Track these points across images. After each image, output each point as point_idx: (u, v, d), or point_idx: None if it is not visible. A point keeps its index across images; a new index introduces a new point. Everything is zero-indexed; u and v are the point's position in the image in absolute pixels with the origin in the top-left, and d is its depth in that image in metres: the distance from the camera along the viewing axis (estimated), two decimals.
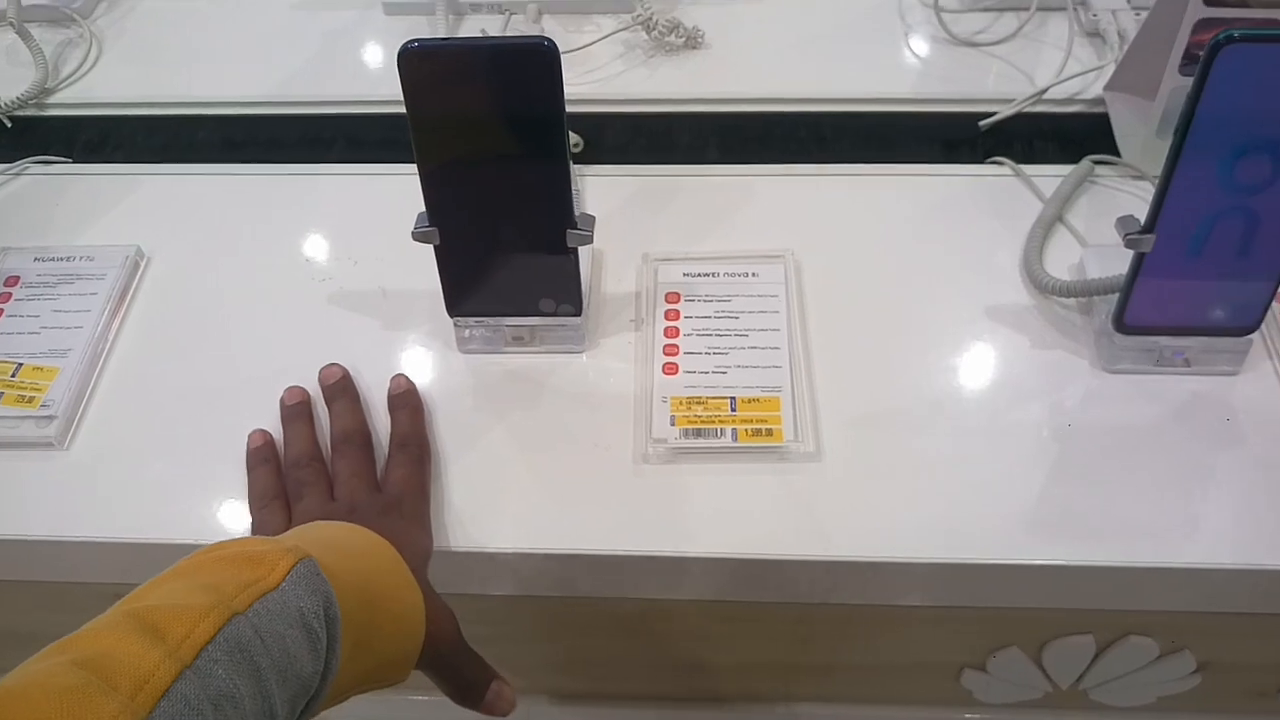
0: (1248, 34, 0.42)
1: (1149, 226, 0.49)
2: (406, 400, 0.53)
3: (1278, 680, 0.58)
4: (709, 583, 0.50)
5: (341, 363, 0.55)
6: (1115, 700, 0.61)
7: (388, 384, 0.54)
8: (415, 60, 0.46)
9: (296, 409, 0.53)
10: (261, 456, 0.52)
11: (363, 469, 0.51)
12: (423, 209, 0.51)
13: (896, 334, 0.56)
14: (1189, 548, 0.48)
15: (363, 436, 0.52)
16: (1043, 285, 0.57)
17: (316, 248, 0.62)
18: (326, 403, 0.54)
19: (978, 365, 0.55)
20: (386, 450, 0.52)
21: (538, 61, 0.46)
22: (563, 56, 0.46)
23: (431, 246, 0.52)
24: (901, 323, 0.57)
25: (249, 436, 0.53)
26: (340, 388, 0.54)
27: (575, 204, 0.51)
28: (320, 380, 0.55)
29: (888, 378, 0.54)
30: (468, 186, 0.50)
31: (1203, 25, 0.56)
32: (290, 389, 0.54)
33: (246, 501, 0.51)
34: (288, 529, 0.46)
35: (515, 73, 0.47)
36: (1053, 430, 0.52)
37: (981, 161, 0.64)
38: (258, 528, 0.49)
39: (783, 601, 0.51)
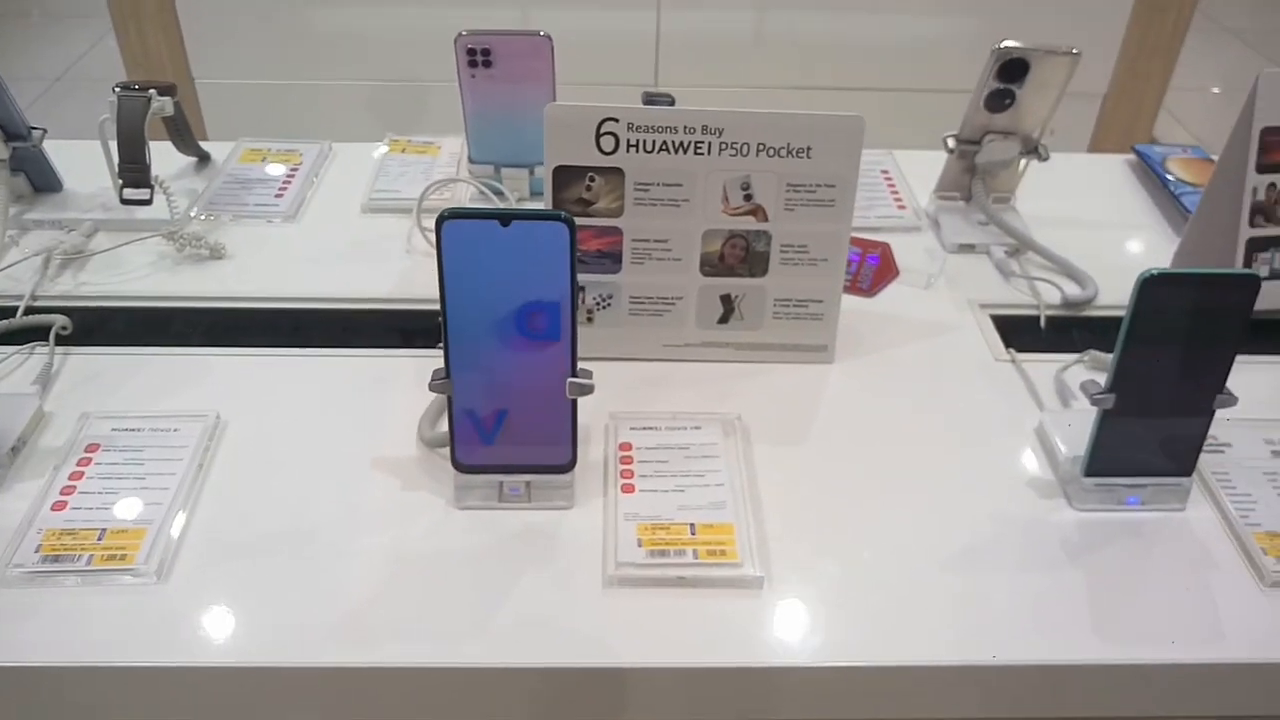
0: (458, 211, 0.55)
1: (445, 374, 0.59)
2: None
3: None
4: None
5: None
6: None
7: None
8: None
9: None
10: None
11: None
12: None
13: (294, 476, 0.64)
14: (480, 650, 0.55)
15: None
16: (423, 438, 0.66)
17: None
18: None
19: (352, 500, 0.63)
20: None
21: None
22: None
23: None
24: (299, 469, 0.65)
25: None
26: None
27: None
28: None
29: (273, 508, 0.62)
30: None
31: None
32: None
33: None
34: None
35: None
36: (399, 557, 0.59)
37: (433, 348, 0.75)
38: None
39: None
